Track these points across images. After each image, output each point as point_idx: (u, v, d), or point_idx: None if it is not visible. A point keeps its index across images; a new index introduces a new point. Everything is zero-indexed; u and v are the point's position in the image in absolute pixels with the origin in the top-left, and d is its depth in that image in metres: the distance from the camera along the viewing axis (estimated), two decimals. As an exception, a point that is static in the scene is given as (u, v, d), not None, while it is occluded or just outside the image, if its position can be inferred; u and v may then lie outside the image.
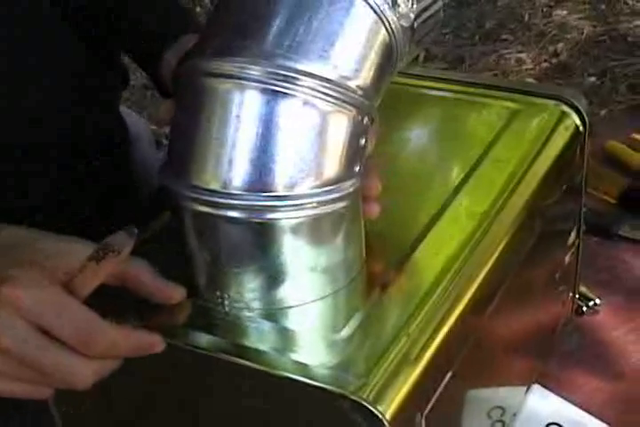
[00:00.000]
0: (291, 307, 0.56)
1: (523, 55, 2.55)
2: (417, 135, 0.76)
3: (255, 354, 0.52)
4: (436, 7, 0.57)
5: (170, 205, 0.55)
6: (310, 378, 0.50)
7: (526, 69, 2.48)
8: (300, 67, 0.51)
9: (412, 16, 0.55)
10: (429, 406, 0.53)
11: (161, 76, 0.74)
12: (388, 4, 0.53)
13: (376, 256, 0.60)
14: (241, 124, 0.51)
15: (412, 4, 0.55)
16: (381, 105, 0.57)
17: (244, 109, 0.51)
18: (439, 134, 0.76)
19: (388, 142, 0.70)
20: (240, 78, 0.51)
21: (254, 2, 0.53)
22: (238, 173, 0.51)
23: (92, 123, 0.76)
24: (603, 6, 2.76)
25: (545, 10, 2.77)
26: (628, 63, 2.44)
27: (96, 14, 0.77)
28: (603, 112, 2.17)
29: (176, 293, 0.55)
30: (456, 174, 0.67)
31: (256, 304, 0.56)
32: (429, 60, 2.52)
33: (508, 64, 2.52)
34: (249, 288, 0.55)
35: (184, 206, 0.54)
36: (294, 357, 0.52)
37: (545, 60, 2.52)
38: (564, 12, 2.75)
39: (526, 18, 2.74)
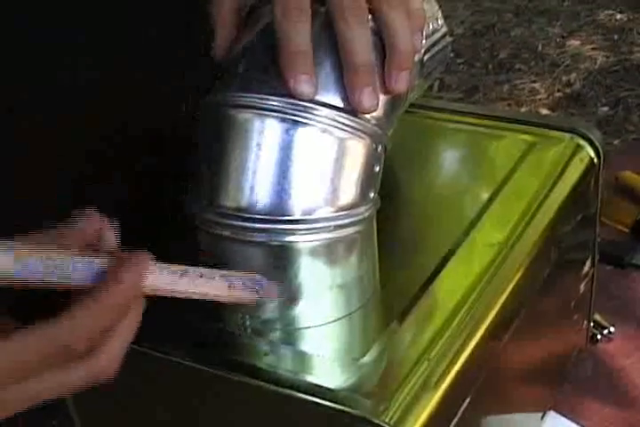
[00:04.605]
0: (311, 327, 0.58)
1: (536, 85, 2.57)
2: (436, 166, 0.78)
3: (277, 377, 0.53)
4: (444, 42, 0.59)
5: (193, 229, 0.57)
6: (333, 402, 0.51)
7: (540, 99, 2.50)
8: (317, 98, 0.53)
9: (422, 50, 0.57)
10: (449, 431, 0.55)
11: None
12: None
13: (397, 282, 0.61)
14: (261, 151, 0.53)
15: (421, 39, 0.56)
16: (402, 137, 0.59)
17: (264, 138, 0.53)
18: (457, 166, 0.78)
19: (408, 173, 0.72)
20: (261, 109, 0.53)
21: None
22: (259, 198, 0.53)
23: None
24: (616, 36, 2.79)
25: (558, 40, 2.80)
26: (641, 93, 2.46)
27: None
28: (616, 142, 2.19)
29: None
30: (474, 205, 0.68)
31: (276, 325, 0.57)
32: (443, 89, 2.55)
33: (521, 94, 2.54)
34: (269, 309, 0.57)
35: (207, 231, 0.55)
36: (317, 380, 0.53)
37: (558, 90, 2.54)
38: (578, 43, 2.77)
39: (540, 48, 2.76)
